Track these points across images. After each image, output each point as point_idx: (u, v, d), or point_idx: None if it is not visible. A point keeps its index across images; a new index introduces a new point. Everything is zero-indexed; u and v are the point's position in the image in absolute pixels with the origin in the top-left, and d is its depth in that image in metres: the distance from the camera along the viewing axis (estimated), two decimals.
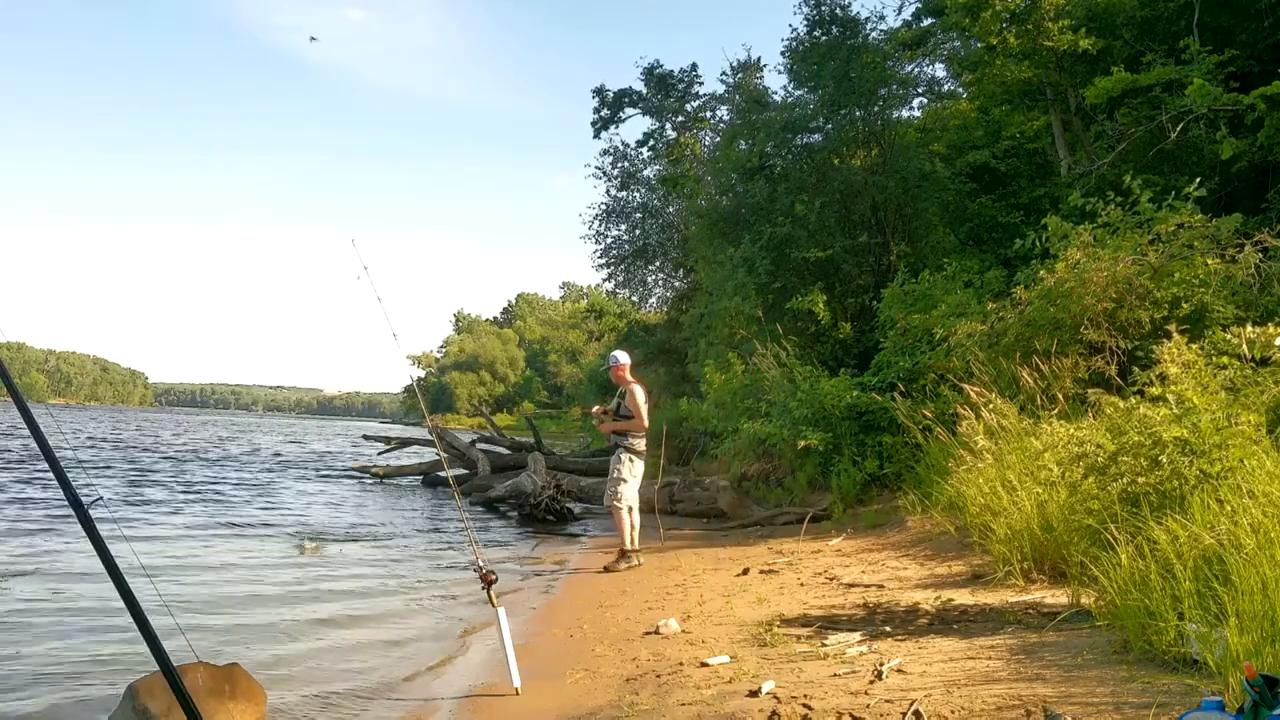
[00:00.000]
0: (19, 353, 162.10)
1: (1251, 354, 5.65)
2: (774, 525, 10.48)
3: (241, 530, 10.46)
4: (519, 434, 22.08)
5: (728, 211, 16.85)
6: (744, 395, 12.50)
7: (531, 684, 4.37)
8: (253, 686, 3.59)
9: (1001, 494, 5.94)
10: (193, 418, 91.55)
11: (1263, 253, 7.75)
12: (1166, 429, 4.63)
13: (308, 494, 15.66)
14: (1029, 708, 3.03)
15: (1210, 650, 3.06)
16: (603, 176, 27.15)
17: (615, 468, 8.41)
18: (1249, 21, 11.79)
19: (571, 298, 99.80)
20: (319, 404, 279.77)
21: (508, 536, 11.29)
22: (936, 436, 8.17)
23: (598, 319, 37.36)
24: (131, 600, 2.74)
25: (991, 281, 11.17)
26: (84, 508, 2.75)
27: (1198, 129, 11.26)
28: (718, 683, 3.99)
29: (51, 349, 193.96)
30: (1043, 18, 12.31)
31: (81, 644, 5.22)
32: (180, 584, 6.96)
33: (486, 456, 16.92)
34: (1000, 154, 14.74)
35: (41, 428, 2.81)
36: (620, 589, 7.04)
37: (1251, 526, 3.50)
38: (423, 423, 21.06)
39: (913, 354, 10.63)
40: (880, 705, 3.30)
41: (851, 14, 15.88)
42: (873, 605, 5.36)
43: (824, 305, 14.10)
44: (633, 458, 8.35)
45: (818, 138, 15.93)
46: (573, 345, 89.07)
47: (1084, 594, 4.42)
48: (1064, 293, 8.12)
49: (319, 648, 5.44)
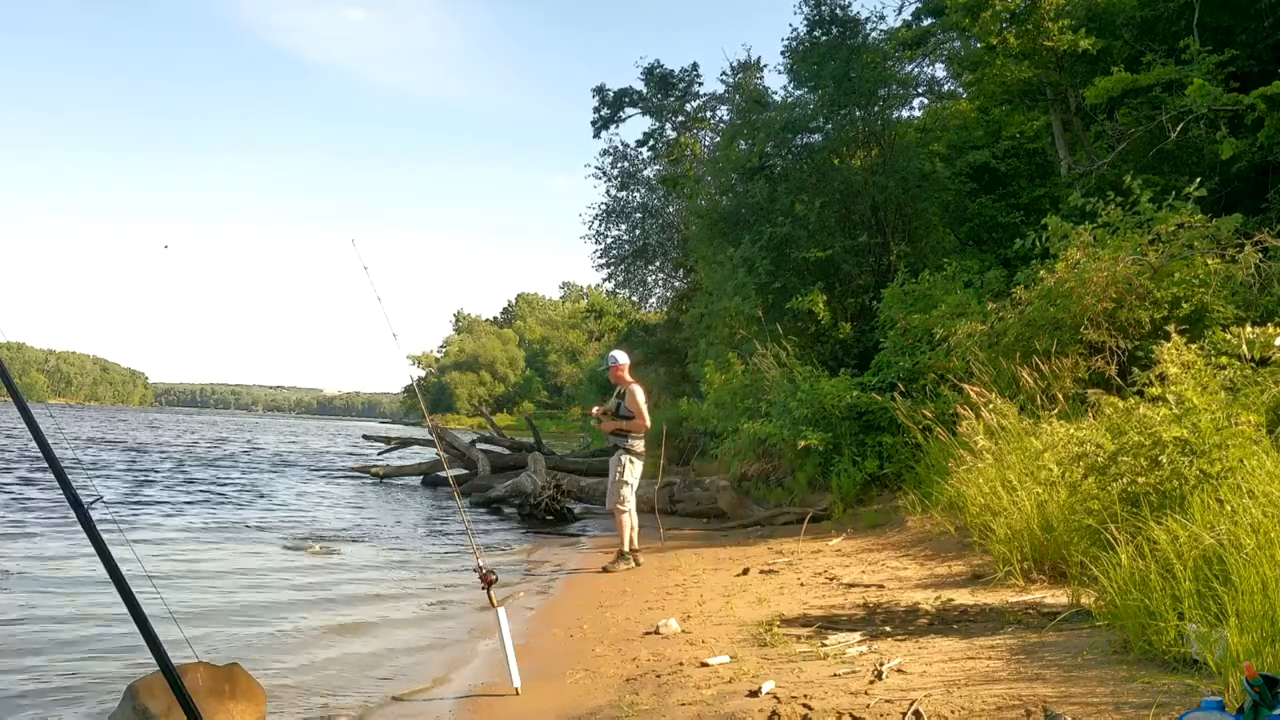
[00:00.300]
0: (19, 353, 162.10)
1: (1251, 354, 5.65)
2: (774, 525, 10.48)
3: (241, 531, 10.46)
4: (519, 434, 22.08)
5: (728, 211, 16.84)
6: (744, 395, 12.49)
7: (531, 684, 4.37)
8: (252, 686, 3.59)
9: (1001, 494, 5.94)
10: (193, 418, 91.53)
11: (1263, 253, 7.75)
12: (1166, 429, 4.63)
13: (307, 494, 15.66)
14: (1029, 708, 3.03)
15: (1210, 650, 3.06)
16: (603, 176, 27.16)
17: (616, 470, 8.36)
18: (1249, 21, 11.79)
19: (571, 298, 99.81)
20: (319, 404, 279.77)
21: (508, 536, 11.29)
22: (936, 436, 8.17)
23: (598, 319, 37.37)
24: (131, 600, 2.74)
25: (991, 281, 11.18)
26: (84, 508, 2.75)
27: (1198, 129, 11.26)
28: (718, 683, 3.99)
29: (51, 349, 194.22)
30: (1043, 18, 12.31)
31: (81, 644, 5.22)
32: (180, 584, 6.96)
33: (486, 456, 16.92)
34: (1000, 154, 14.74)
35: (41, 428, 2.81)
36: (620, 589, 7.04)
37: (1251, 526, 3.50)
38: (423, 423, 21.07)
39: (913, 354, 10.63)
40: (880, 705, 3.30)
41: (851, 14, 15.89)
42: (873, 605, 5.36)
43: (824, 305, 14.10)
44: (633, 459, 8.31)
45: (818, 138, 15.92)
46: (573, 345, 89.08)
47: (1084, 594, 4.42)
48: (1064, 293, 8.12)
49: (318, 647, 5.44)
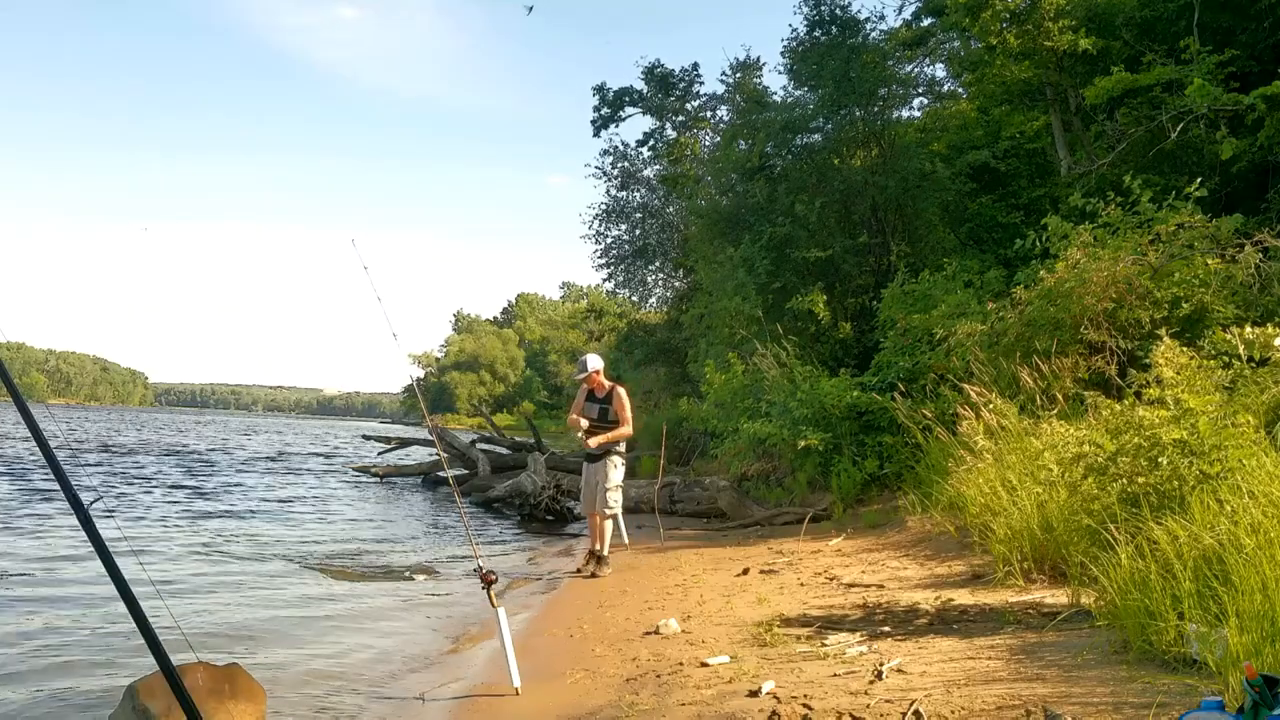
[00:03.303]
0: (19, 353, 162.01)
1: (1250, 354, 5.65)
2: (774, 525, 10.48)
3: (240, 532, 10.46)
4: (519, 434, 22.08)
5: (728, 211, 16.85)
6: (744, 395, 12.49)
7: (531, 684, 4.37)
8: (253, 686, 3.59)
9: (1001, 494, 5.94)
10: (193, 418, 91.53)
11: (1263, 253, 7.75)
12: (1165, 431, 4.63)
13: (307, 493, 15.66)
14: (1029, 708, 3.03)
15: (1210, 650, 3.07)
16: (603, 176, 27.10)
17: (606, 473, 7.85)
18: (1249, 21, 11.80)
19: (571, 298, 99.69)
20: (319, 404, 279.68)
21: (508, 536, 11.29)
22: (936, 436, 8.16)
23: (598, 319, 37.30)
24: (131, 600, 2.75)
25: (991, 281, 11.18)
26: (84, 508, 2.75)
27: (1198, 129, 11.27)
28: (718, 683, 3.99)
29: (51, 349, 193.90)
30: (1043, 18, 12.31)
31: (81, 644, 5.22)
32: (180, 585, 6.97)
33: (486, 456, 16.92)
34: (1000, 154, 14.75)
35: (41, 428, 2.81)
36: (620, 589, 7.04)
37: (1251, 526, 3.50)
38: (423, 423, 21.07)
39: (913, 354, 10.63)
40: (880, 705, 3.30)
41: (851, 14, 15.91)
42: (872, 605, 5.36)
43: (824, 305, 14.11)
44: (620, 461, 7.95)
45: (818, 138, 15.93)
46: (573, 345, 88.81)
47: (1084, 594, 4.42)
48: (1064, 293, 8.12)
49: (318, 647, 5.44)
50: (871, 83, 14.98)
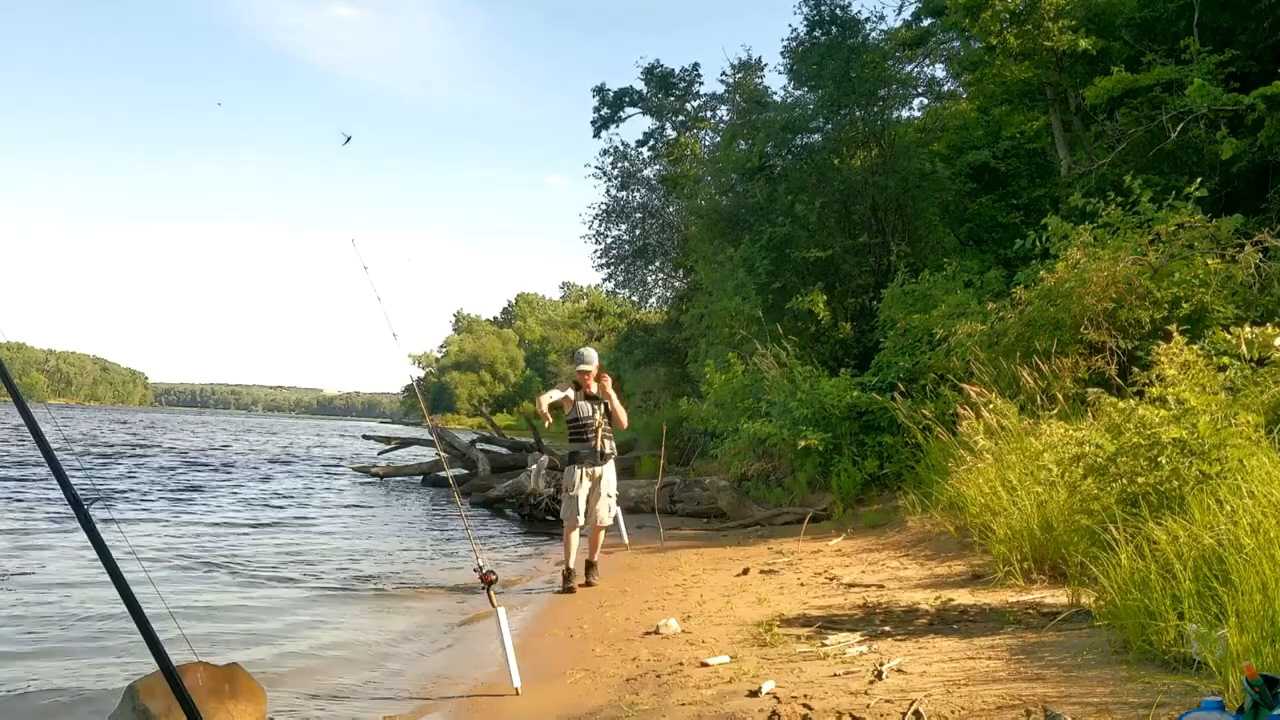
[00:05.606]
0: (19, 353, 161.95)
1: (1250, 354, 5.65)
2: (774, 525, 10.48)
3: (240, 532, 10.46)
4: (519, 434, 22.08)
5: (728, 211, 16.85)
6: (744, 395, 12.49)
7: (531, 684, 4.37)
8: (253, 686, 3.59)
9: (1001, 494, 5.94)
10: (193, 418, 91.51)
11: (1263, 253, 7.75)
12: (1165, 430, 4.63)
13: (307, 493, 15.66)
14: (1029, 708, 3.03)
15: (1210, 650, 3.06)
16: (603, 176, 27.11)
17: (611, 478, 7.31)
18: (1249, 21, 11.79)
19: (571, 298, 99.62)
20: (319, 404, 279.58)
21: (508, 536, 11.29)
22: (936, 436, 8.16)
23: (598, 319, 37.33)
24: (131, 600, 2.75)
25: (991, 281, 11.18)
26: (84, 508, 2.75)
27: (1198, 129, 11.27)
28: (718, 683, 3.99)
29: (51, 349, 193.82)
30: (1043, 18, 12.31)
31: (81, 644, 5.22)
32: (180, 585, 6.97)
33: (486, 456, 16.92)
34: (1000, 154, 14.74)
35: (41, 428, 2.81)
36: (620, 589, 7.04)
37: (1251, 526, 3.50)
38: (423, 423, 21.07)
39: (913, 354, 10.63)
40: (880, 705, 3.30)
41: (851, 14, 15.92)
42: (872, 605, 5.36)
43: (824, 305, 14.11)
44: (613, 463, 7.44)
45: (818, 138, 15.93)
46: (573, 345, 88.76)
47: (1084, 594, 4.42)
48: (1064, 293, 8.12)
49: (319, 648, 5.44)
50: (871, 83, 14.98)
